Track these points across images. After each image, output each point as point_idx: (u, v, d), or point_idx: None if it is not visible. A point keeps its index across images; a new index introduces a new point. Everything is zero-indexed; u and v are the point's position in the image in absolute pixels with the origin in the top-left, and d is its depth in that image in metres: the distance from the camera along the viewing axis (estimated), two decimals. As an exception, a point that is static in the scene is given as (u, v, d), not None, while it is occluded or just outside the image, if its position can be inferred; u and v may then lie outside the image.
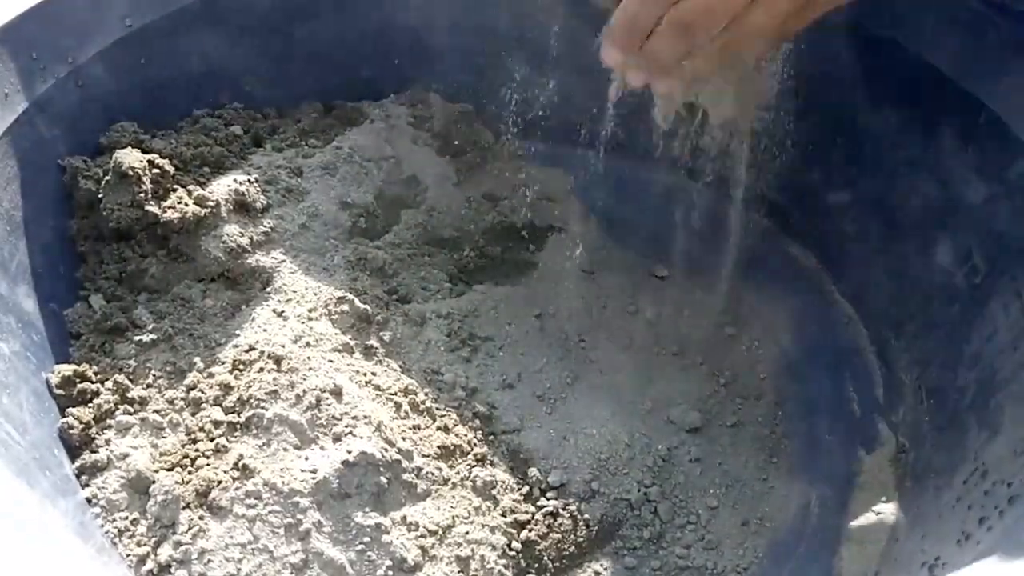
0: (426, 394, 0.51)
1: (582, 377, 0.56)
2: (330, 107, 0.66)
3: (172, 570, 0.40)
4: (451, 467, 0.48)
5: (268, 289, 0.52)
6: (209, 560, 0.40)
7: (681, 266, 0.64)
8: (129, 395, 0.46)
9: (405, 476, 0.45)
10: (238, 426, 0.45)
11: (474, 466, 0.49)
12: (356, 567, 0.42)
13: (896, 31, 0.56)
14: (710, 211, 0.65)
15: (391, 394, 0.49)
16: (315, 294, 0.52)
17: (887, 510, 0.49)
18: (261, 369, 0.46)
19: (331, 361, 0.48)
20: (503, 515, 0.48)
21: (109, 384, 0.46)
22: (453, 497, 0.47)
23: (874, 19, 0.57)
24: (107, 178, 0.50)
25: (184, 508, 0.42)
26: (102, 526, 0.42)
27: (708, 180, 0.61)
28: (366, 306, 0.53)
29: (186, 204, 0.51)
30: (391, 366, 0.51)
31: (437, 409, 0.50)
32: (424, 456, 0.47)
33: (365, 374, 0.49)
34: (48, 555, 0.34)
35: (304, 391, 0.45)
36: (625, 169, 0.69)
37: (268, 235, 0.54)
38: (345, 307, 0.52)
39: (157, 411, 0.46)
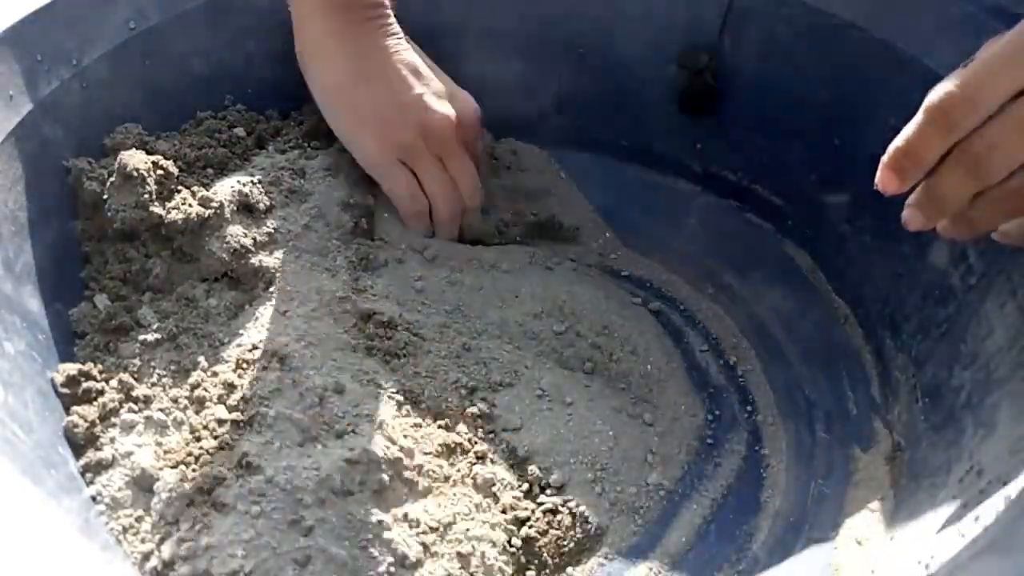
0: (427, 392, 0.51)
1: (583, 376, 0.56)
2: (332, 109, 0.66)
3: (176, 567, 0.40)
4: (452, 464, 0.48)
5: (271, 289, 0.52)
6: (213, 556, 0.40)
7: (685, 266, 0.65)
8: (133, 393, 0.46)
9: (406, 473, 0.46)
10: (242, 424, 0.45)
11: (475, 464, 0.49)
12: (358, 563, 0.42)
13: (893, 34, 0.56)
14: (712, 214, 0.66)
15: (392, 392, 0.50)
16: (317, 294, 0.53)
17: (883, 508, 0.49)
18: (264, 368, 0.47)
19: (333, 360, 0.49)
20: (503, 512, 0.48)
21: (114, 383, 0.47)
22: (454, 494, 0.47)
23: (872, 21, 0.58)
24: (112, 179, 0.51)
25: (188, 505, 0.42)
26: (107, 523, 0.42)
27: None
28: (368, 306, 0.53)
29: (190, 205, 0.52)
30: (393, 365, 0.52)
31: (438, 407, 0.51)
32: (425, 454, 0.48)
33: (367, 373, 0.50)
34: (53, 553, 0.34)
35: (307, 389, 0.46)
36: (627, 171, 0.70)
37: (271, 236, 0.55)
38: (347, 307, 0.52)
39: (161, 409, 0.46)
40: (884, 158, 0.40)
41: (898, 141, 0.40)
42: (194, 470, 0.43)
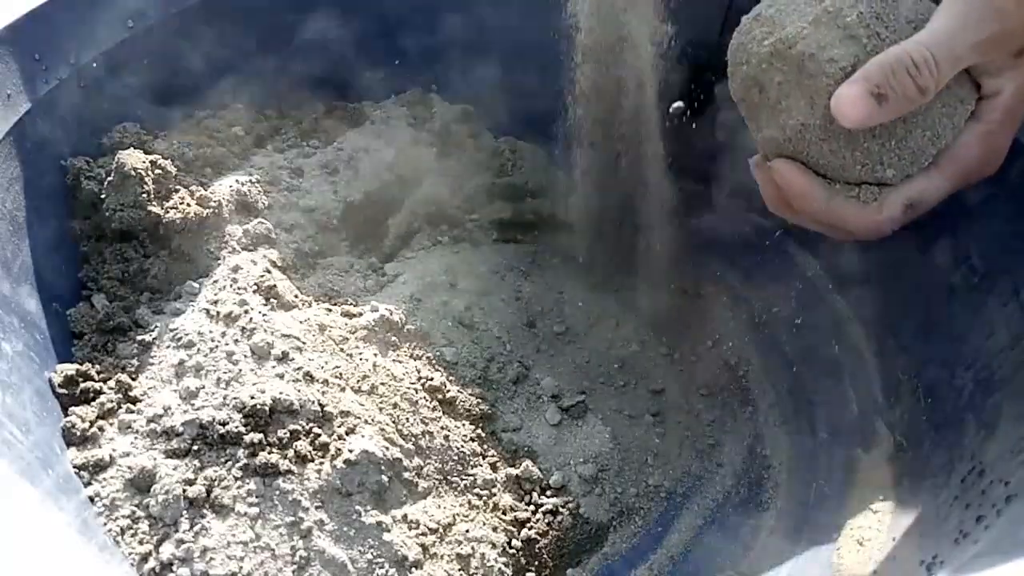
0: (427, 393, 0.51)
1: (583, 377, 0.56)
2: (331, 108, 0.66)
3: (174, 568, 0.40)
4: (452, 466, 0.48)
5: (270, 288, 0.52)
6: (211, 558, 0.40)
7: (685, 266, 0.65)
8: (131, 394, 0.46)
9: (406, 475, 0.46)
10: (242, 423, 0.45)
11: (475, 465, 0.49)
12: (357, 565, 0.42)
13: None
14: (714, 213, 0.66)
15: (393, 393, 0.49)
16: (317, 293, 0.52)
17: (885, 508, 0.49)
18: (264, 366, 0.46)
19: (333, 358, 0.49)
20: (503, 513, 0.48)
21: (111, 383, 0.46)
22: (454, 495, 0.47)
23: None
24: (109, 179, 0.51)
25: (186, 507, 0.42)
26: (104, 524, 0.42)
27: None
28: (367, 305, 0.53)
29: (188, 204, 0.52)
30: (392, 366, 0.52)
31: (438, 408, 0.51)
32: (425, 455, 0.47)
33: (366, 372, 0.49)
34: (51, 554, 0.34)
35: (307, 387, 0.46)
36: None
37: (269, 234, 0.54)
38: (347, 307, 0.52)
39: (160, 409, 0.46)
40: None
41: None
42: (193, 471, 0.43)
